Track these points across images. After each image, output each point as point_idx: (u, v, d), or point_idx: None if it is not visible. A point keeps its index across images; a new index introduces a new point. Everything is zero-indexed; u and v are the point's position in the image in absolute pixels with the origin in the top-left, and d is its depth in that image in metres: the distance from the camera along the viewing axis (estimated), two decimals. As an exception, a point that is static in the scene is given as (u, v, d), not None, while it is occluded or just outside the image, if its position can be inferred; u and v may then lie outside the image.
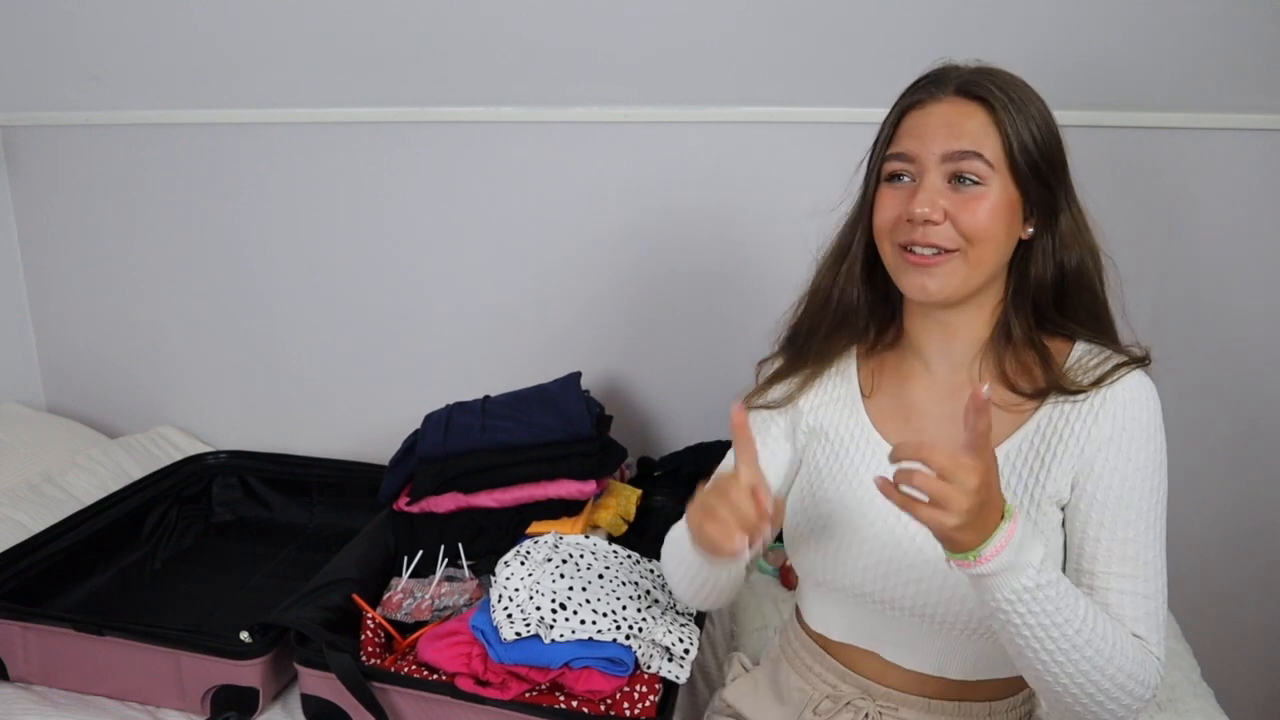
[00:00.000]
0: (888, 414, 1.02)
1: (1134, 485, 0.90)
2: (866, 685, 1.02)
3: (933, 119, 0.92)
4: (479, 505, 1.45)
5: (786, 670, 1.10)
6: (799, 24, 1.53)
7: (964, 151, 0.90)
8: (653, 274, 1.75)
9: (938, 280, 0.92)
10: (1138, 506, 0.90)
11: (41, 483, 1.71)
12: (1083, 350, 0.95)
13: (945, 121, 0.91)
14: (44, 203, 1.96)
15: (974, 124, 0.90)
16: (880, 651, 1.01)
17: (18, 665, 1.30)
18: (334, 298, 1.89)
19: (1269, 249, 1.57)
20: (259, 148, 1.82)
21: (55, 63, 1.82)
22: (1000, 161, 0.90)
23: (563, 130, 1.70)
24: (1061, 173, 0.94)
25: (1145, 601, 0.89)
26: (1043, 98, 0.94)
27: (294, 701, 1.25)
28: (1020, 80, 0.94)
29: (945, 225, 0.91)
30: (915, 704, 1.00)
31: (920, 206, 0.90)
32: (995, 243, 0.91)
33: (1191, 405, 1.65)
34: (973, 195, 0.90)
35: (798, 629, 1.10)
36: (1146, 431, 0.91)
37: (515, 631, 1.12)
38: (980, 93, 0.91)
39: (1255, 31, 1.44)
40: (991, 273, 0.94)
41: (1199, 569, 1.75)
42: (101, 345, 2.04)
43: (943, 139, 0.91)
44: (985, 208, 0.90)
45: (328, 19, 1.67)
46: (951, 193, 0.91)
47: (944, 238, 0.91)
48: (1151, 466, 0.91)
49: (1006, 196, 0.91)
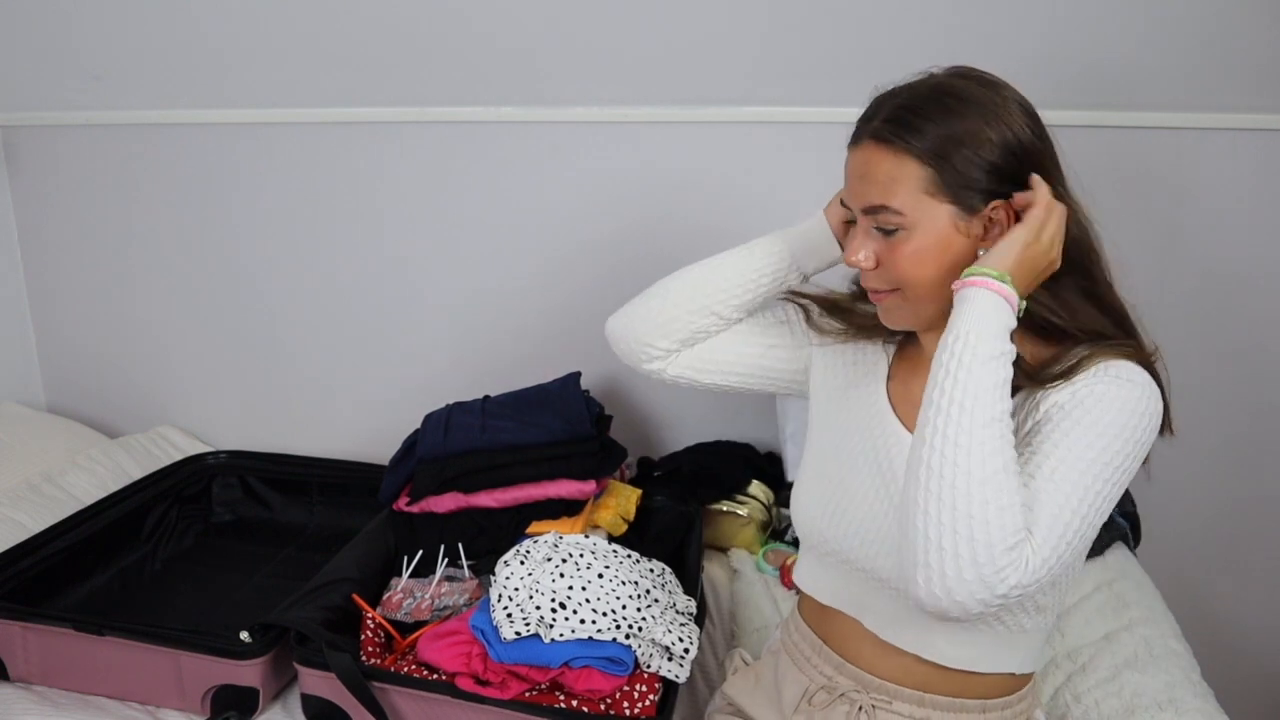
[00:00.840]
0: (901, 398, 1.05)
1: (1079, 420, 0.87)
2: (860, 676, 1.03)
3: (853, 168, 0.95)
4: (479, 505, 1.45)
5: (786, 662, 1.11)
6: (799, 24, 1.54)
7: (873, 206, 0.93)
8: (653, 274, 1.75)
9: (890, 315, 0.99)
10: (1076, 434, 0.87)
11: (41, 483, 1.71)
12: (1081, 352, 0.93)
13: (860, 172, 0.94)
14: (44, 203, 1.96)
15: (880, 172, 0.91)
16: (862, 619, 1.03)
17: (18, 665, 1.30)
18: (334, 297, 1.89)
19: (1269, 249, 1.57)
20: (258, 148, 1.82)
21: (55, 63, 1.82)
22: (916, 203, 0.90)
23: (562, 130, 1.70)
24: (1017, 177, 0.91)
25: (1046, 499, 0.84)
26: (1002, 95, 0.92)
27: (294, 701, 1.25)
28: (960, 92, 0.91)
29: (880, 269, 0.94)
30: (909, 697, 1.01)
31: (852, 255, 0.96)
32: (928, 281, 0.93)
33: (1192, 405, 1.65)
34: (895, 242, 0.93)
35: (799, 620, 1.12)
36: (1118, 401, 0.88)
37: (515, 631, 1.12)
38: (887, 138, 0.91)
39: (1255, 31, 1.44)
40: (943, 302, 0.93)
41: (1199, 569, 1.75)
42: (101, 345, 2.04)
43: (859, 192, 0.94)
44: (906, 254, 0.92)
45: (327, 19, 1.67)
46: (881, 239, 0.94)
47: (880, 281, 0.96)
48: (1110, 421, 0.87)
49: (933, 233, 0.91)
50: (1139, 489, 1.64)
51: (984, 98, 0.91)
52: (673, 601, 1.24)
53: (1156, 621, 1.41)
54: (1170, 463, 1.66)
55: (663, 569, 1.32)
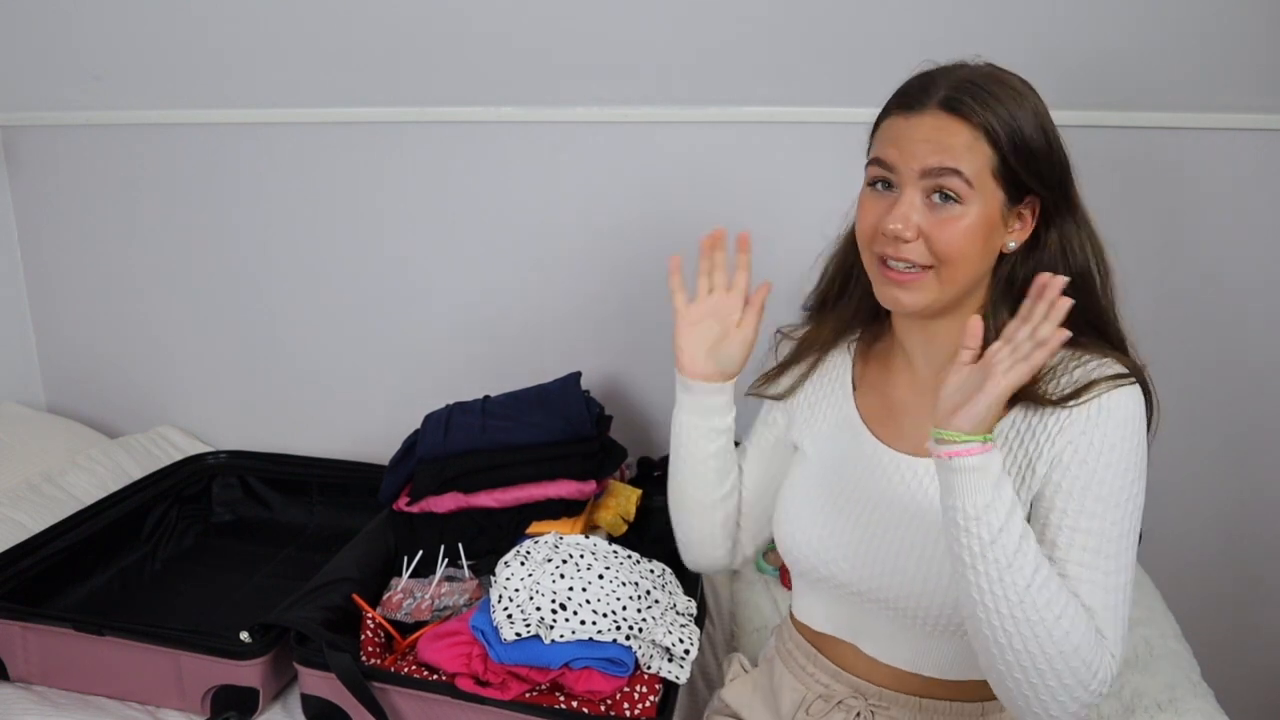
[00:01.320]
0: (874, 406, 1.04)
1: (1102, 479, 0.88)
2: (858, 684, 1.03)
3: (915, 131, 0.91)
4: (479, 505, 1.45)
5: (781, 670, 1.11)
6: (799, 24, 1.53)
7: (944, 168, 0.89)
8: (653, 273, 1.74)
9: (910, 295, 0.93)
10: (1105, 501, 0.88)
11: (41, 483, 1.71)
12: (1065, 355, 0.92)
13: (926, 136, 0.90)
14: (44, 203, 1.96)
15: (957, 141, 0.89)
16: (859, 645, 1.02)
17: (18, 665, 1.30)
18: (334, 297, 1.89)
19: (1270, 249, 1.57)
20: (259, 148, 1.82)
21: (55, 63, 1.82)
22: (981, 179, 0.89)
23: (562, 130, 1.70)
24: (1054, 180, 0.92)
25: (1104, 594, 0.87)
26: (1038, 96, 0.93)
27: (294, 701, 1.25)
28: (1011, 83, 0.92)
29: (919, 243, 0.90)
30: (907, 703, 1.00)
31: (894, 223, 0.90)
32: (969, 262, 0.91)
33: (1192, 405, 1.65)
34: (949, 215, 0.89)
35: (791, 628, 1.12)
36: (1121, 432, 0.88)
37: (515, 632, 1.12)
38: (964, 110, 0.89)
39: (1255, 31, 1.44)
40: (966, 288, 0.93)
41: (1199, 569, 1.75)
42: (101, 345, 2.03)
43: (923, 154, 0.90)
44: (960, 229, 0.89)
45: (327, 19, 1.67)
46: (928, 210, 0.90)
47: (917, 254, 0.91)
48: (1123, 467, 0.88)
49: (985, 214, 0.90)
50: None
51: (1031, 98, 0.92)
52: (673, 602, 1.24)
53: (1156, 621, 1.41)
54: (1170, 463, 1.67)
55: (663, 570, 1.32)
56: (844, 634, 1.04)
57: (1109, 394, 0.89)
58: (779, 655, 1.12)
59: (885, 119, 0.95)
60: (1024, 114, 0.90)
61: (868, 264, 0.97)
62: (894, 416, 1.02)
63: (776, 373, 1.12)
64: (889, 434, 1.02)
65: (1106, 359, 0.92)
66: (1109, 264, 0.96)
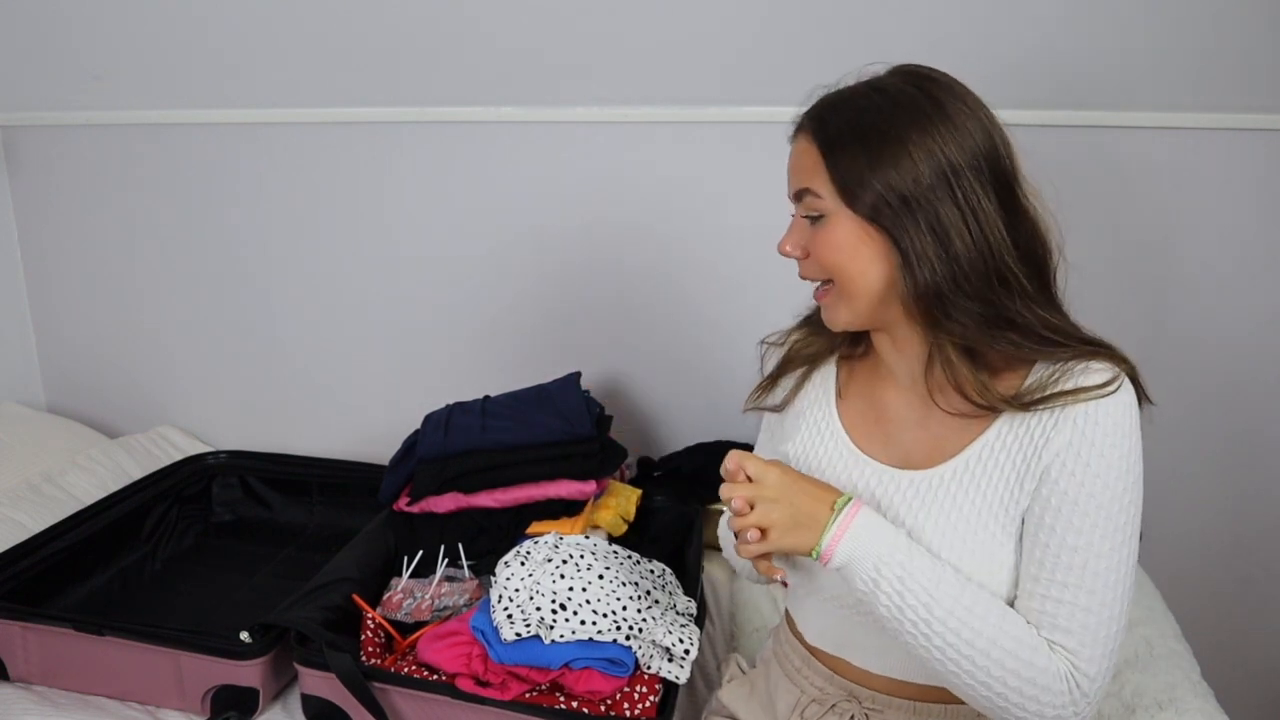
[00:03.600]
0: (859, 415, 1.03)
1: (1092, 493, 0.86)
2: (852, 688, 1.02)
3: (790, 158, 0.96)
4: (479, 505, 1.45)
5: (777, 672, 1.11)
6: (799, 24, 1.54)
7: (801, 190, 0.93)
8: (653, 274, 1.75)
9: (830, 312, 0.96)
10: (1093, 516, 0.86)
11: (41, 483, 1.71)
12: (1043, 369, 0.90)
13: (793, 162, 0.95)
14: (44, 203, 1.96)
15: (808, 160, 0.92)
16: (849, 658, 1.02)
17: (18, 665, 1.30)
18: (334, 297, 1.89)
19: (1270, 249, 1.57)
20: (259, 148, 1.82)
21: (55, 63, 1.82)
22: (834, 195, 0.90)
23: (562, 130, 1.70)
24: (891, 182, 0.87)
25: (1083, 615, 0.86)
26: (948, 114, 0.87)
27: (294, 702, 1.25)
28: (894, 92, 0.89)
29: (809, 261, 0.94)
30: (901, 706, 1.00)
31: (782, 245, 0.96)
32: (851, 274, 0.91)
33: (1192, 405, 1.65)
34: (819, 231, 0.92)
35: (787, 631, 1.11)
36: (1111, 439, 0.86)
37: (515, 632, 1.12)
38: (810, 127, 0.92)
39: (1255, 31, 1.44)
40: (872, 302, 0.92)
41: (1199, 569, 1.75)
42: (101, 345, 2.04)
43: (792, 180, 0.95)
44: (825, 242, 0.92)
45: (327, 19, 1.67)
46: (809, 230, 0.94)
47: (812, 272, 0.95)
48: (1115, 475, 0.86)
49: (852, 229, 0.89)
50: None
51: (915, 105, 0.87)
52: (673, 602, 1.24)
53: (1156, 621, 1.41)
54: (1170, 462, 1.67)
55: (663, 570, 1.32)
56: (831, 648, 1.03)
57: (1094, 405, 0.86)
58: (775, 657, 1.12)
59: None
60: (877, 122, 0.87)
61: None
62: (880, 426, 1.01)
63: (769, 383, 1.11)
64: (873, 444, 1.00)
65: (1087, 363, 0.88)
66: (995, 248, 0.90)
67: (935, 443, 0.96)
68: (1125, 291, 1.59)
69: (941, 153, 0.86)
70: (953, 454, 0.94)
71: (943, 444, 0.95)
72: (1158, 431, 1.72)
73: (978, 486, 0.92)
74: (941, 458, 0.95)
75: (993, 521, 0.91)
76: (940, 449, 0.95)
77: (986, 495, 0.91)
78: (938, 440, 0.96)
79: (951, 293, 0.88)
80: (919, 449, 0.97)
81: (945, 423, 0.95)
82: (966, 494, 0.92)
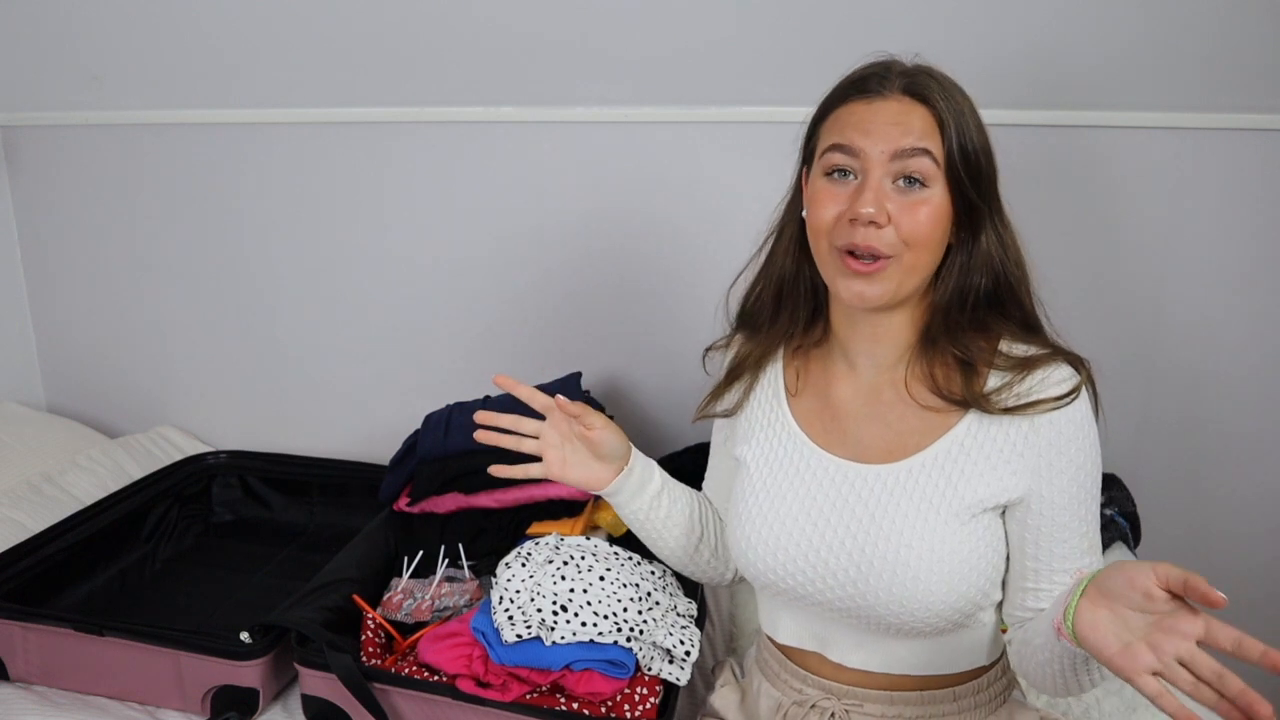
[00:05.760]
0: (813, 412, 1.02)
1: (1070, 493, 0.92)
2: (829, 686, 1.02)
3: (880, 114, 0.89)
4: (479, 505, 1.45)
5: (759, 677, 1.11)
6: (798, 24, 1.53)
7: (914, 149, 0.87)
8: (653, 273, 1.75)
9: (874, 287, 0.90)
10: (1071, 510, 0.92)
11: (41, 483, 1.71)
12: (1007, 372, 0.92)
13: (893, 119, 0.88)
14: (44, 203, 1.96)
15: (922, 123, 0.88)
16: (826, 654, 1.02)
17: (18, 665, 1.30)
18: (334, 297, 1.89)
19: (1270, 249, 1.57)
20: (259, 148, 1.82)
21: (55, 63, 1.82)
22: (942, 164, 0.89)
23: (563, 130, 1.70)
24: (991, 184, 0.92)
25: None
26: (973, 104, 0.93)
27: (294, 702, 1.25)
28: (956, 84, 0.93)
29: (888, 228, 0.88)
30: (879, 698, 1.00)
31: (866, 206, 0.87)
32: (931, 248, 0.90)
33: (1191, 404, 1.65)
34: (918, 199, 0.88)
35: (763, 635, 1.12)
36: (1076, 443, 0.91)
37: (516, 633, 1.11)
38: (925, 93, 0.89)
39: (1255, 31, 1.44)
40: (924, 278, 0.93)
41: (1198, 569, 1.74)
42: (101, 345, 2.03)
43: (894, 136, 0.88)
44: (928, 212, 0.88)
45: (327, 19, 1.67)
46: (896, 195, 0.88)
47: (885, 242, 0.88)
48: (1085, 473, 0.92)
49: (945, 201, 0.90)
50: (1139, 489, 1.63)
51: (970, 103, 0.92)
52: (674, 604, 1.24)
53: (1157, 622, 1.41)
54: (1170, 462, 1.67)
55: (664, 571, 1.32)
56: (808, 644, 1.03)
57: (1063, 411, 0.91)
58: (757, 663, 1.13)
59: (839, 107, 0.93)
60: (969, 114, 0.91)
61: (825, 259, 0.93)
62: (836, 421, 1.00)
63: (721, 389, 1.11)
64: (829, 440, 1.00)
65: (1049, 370, 0.91)
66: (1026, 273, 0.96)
67: (897, 438, 0.96)
68: (1124, 292, 1.59)
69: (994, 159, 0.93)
70: (917, 449, 0.95)
71: (905, 439, 0.95)
72: (1156, 431, 1.73)
73: (948, 480, 0.93)
74: (905, 453, 0.95)
75: (954, 519, 0.92)
76: (903, 444, 0.95)
77: (957, 489, 0.92)
78: (899, 436, 0.96)
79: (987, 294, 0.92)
80: (878, 443, 0.97)
81: (906, 419, 0.96)
82: (937, 487, 0.93)
